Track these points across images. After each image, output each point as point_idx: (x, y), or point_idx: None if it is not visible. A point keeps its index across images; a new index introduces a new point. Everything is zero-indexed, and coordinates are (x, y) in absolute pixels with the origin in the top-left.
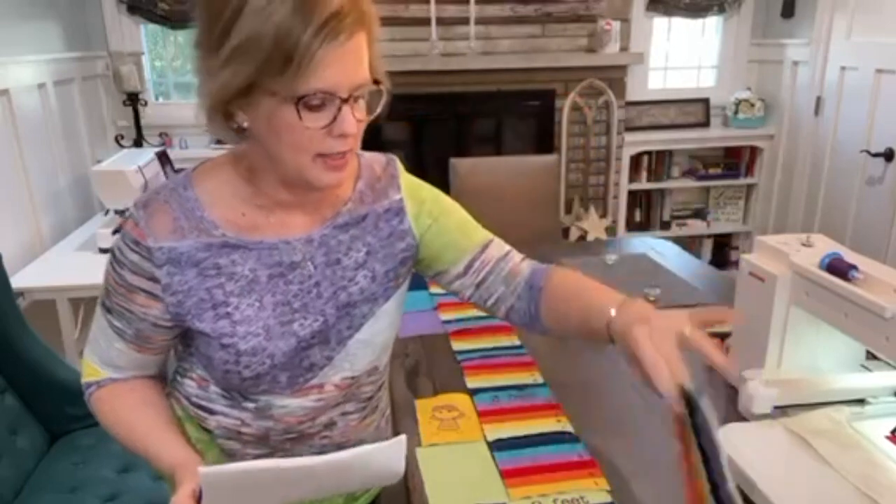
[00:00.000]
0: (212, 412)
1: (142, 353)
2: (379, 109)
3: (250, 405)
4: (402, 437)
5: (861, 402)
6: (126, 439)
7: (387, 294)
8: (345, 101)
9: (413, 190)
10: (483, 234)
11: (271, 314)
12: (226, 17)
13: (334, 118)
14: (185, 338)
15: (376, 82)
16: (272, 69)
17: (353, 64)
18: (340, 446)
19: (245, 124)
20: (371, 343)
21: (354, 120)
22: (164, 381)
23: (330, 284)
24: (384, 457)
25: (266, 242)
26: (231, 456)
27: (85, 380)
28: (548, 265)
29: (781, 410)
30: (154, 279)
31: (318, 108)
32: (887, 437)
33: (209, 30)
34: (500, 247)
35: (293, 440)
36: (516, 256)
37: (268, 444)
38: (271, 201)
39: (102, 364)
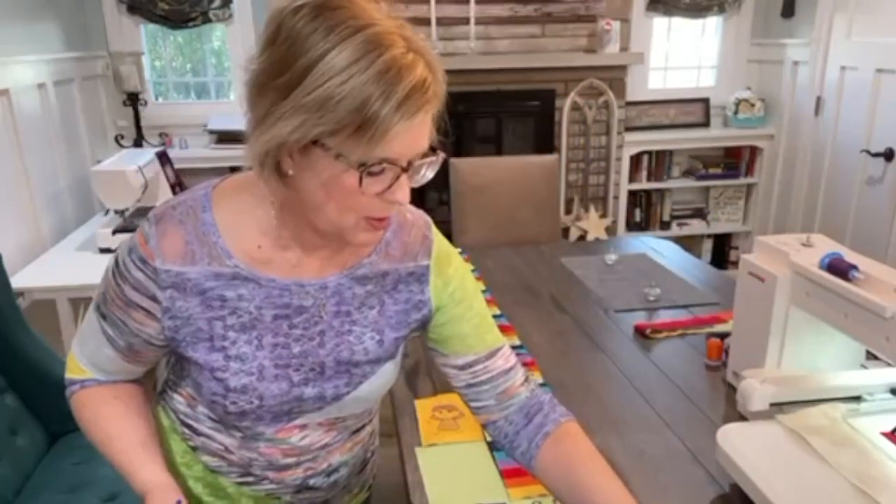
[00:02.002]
0: (197, 432)
1: (130, 363)
2: (432, 176)
3: (237, 433)
4: None
5: (857, 399)
6: (103, 448)
7: (392, 355)
8: (405, 170)
9: (442, 261)
10: (495, 336)
11: (268, 355)
12: (298, 65)
13: (390, 185)
14: (179, 355)
15: (432, 149)
16: (343, 133)
17: (420, 136)
18: (324, 472)
19: (290, 172)
20: (367, 399)
21: (408, 188)
22: (151, 387)
23: (335, 335)
24: None
25: (278, 282)
26: (215, 472)
27: (69, 375)
28: (554, 405)
29: (778, 408)
30: (155, 299)
31: (378, 174)
32: (884, 435)
33: (275, 72)
34: (507, 358)
35: (277, 470)
36: (518, 376)
37: (251, 473)
38: (293, 240)
39: (89, 364)
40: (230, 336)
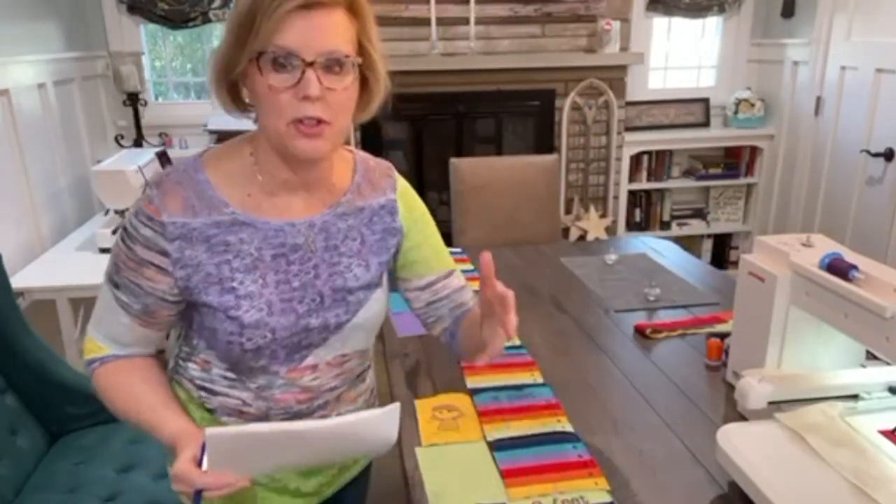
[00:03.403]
0: (214, 393)
1: (146, 329)
2: (348, 81)
3: (251, 385)
4: (397, 405)
5: (855, 397)
6: (128, 413)
7: (379, 281)
8: (309, 64)
9: (406, 195)
10: (450, 260)
11: (273, 291)
12: (238, 5)
13: (298, 80)
14: (188, 318)
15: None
16: (245, 33)
17: (321, 32)
18: None
19: (247, 100)
20: (364, 327)
21: (318, 84)
22: (164, 363)
23: (327, 267)
24: (378, 423)
25: (272, 224)
26: None
27: (88, 356)
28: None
29: (777, 406)
30: (164, 253)
31: (283, 68)
32: (881, 433)
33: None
34: (459, 278)
35: (291, 419)
36: (469, 293)
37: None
38: (274, 181)
39: (106, 340)
40: (237, 277)
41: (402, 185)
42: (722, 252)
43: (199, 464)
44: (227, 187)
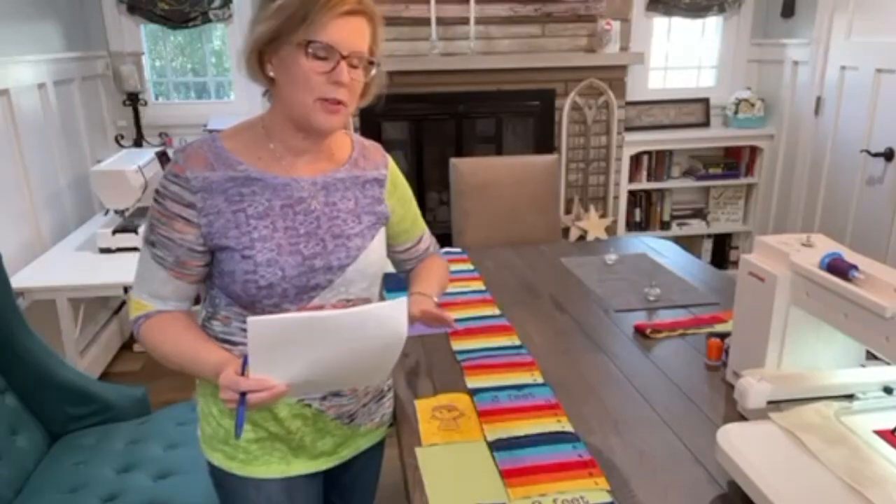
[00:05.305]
0: (234, 343)
1: (179, 280)
2: (371, 75)
3: None
4: (403, 299)
5: (850, 397)
6: (173, 354)
7: (371, 234)
8: (343, 57)
9: (395, 173)
10: (422, 225)
11: (282, 235)
12: None
13: (333, 68)
14: (211, 277)
15: (373, 65)
16: (294, 24)
17: (352, 33)
18: None
19: (272, 74)
20: (364, 273)
21: (348, 74)
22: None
23: (327, 220)
24: (388, 313)
25: (280, 179)
26: None
27: (133, 315)
28: (435, 254)
29: (776, 406)
30: (191, 206)
31: (322, 59)
32: (875, 432)
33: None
34: (427, 240)
35: None
36: (431, 249)
37: None
38: (283, 147)
39: (149, 297)
40: (252, 223)
41: (392, 164)
42: (722, 252)
43: (241, 373)
44: (240, 152)
